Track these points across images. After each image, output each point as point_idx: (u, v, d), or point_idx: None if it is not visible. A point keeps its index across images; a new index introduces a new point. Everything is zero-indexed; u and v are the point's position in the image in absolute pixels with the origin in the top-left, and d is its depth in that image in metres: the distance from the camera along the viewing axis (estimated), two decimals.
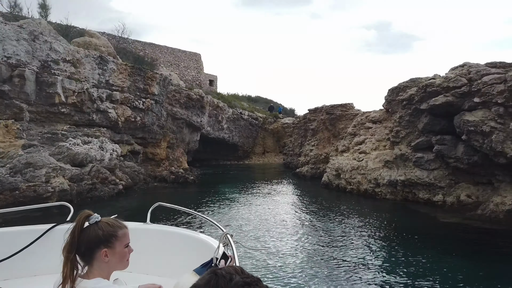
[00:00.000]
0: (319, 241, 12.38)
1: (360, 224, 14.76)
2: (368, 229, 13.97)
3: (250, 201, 20.36)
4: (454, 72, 16.42)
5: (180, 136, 34.49)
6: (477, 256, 10.86)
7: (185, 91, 35.15)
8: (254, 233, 13.13)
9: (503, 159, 14.21)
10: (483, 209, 15.16)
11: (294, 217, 16.49)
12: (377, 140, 22.76)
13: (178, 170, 29.06)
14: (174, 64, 44.90)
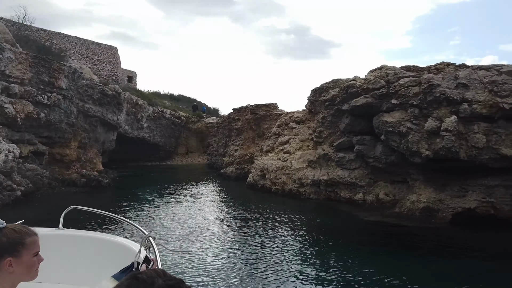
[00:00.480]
0: (243, 243, 12.07)
1: (285, 225, 14.47)
2: (293, 230, 13.71)
3: (173, 204, 19.13)
4: (373, 74, 16.97)
5: (94, 136, 31.53)
6: (398, 254, 11.07)
7: (99, 87, 32.25)
8: (177, 236, 12.60)
9: (418, 158, 14.92)
10: (401, 207, 15.83)
11: (218, 219, 15.82)
12: (300, 140, 22.90)
13: (90, 172, 26.40)
14: (87, 57, 41.20)
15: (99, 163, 30.12)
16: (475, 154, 13.94)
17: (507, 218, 14.03)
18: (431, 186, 15.71)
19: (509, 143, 13.64)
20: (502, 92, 13.47)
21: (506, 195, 14.25)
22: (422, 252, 11.23)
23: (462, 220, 14.29)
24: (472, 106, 13.86)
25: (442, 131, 13.99)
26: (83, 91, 30.44)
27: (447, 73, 14.52)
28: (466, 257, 10.68)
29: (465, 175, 15.30)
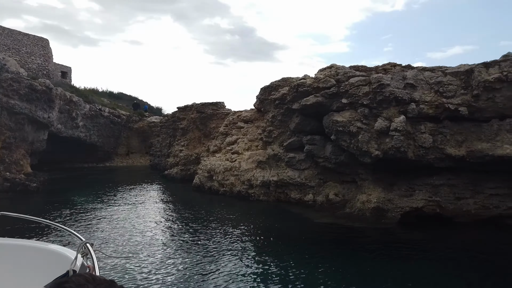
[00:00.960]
0: (187, 248, 11.28)
1: (233, 228, 13.66)
2: (241, 234, 12.94)
3: (113, 209, 17.50)
4: (323, 73, 16.72)
5: (21, 135, 28.37)
6: (348, 256, 10.70)
7: (27, 81, 29.09)
8: (118, 242, 11.70)
9: (368, 158, 14.85)
10: (351, 207, 15.70)
11: (162, 223, 14.68)
12: (249, 140, 22.22)
13: (16, 175, 23.62)
14: (13, 48, 37.19)
15: (27, 165, 27.16)
16: (422, 153, 14.13)
17: (452, 216, 14.42)
18: (379, 186, 15.77)
19: (453, 143, 13.98)
20: (447, 92, 13.77)
21: (450, 194, 14.64)
22: (372, 254, 10.99)
23: (411, 220, 14.45)
24: (419, 106, 14.03)
25: (391, 131, 14.01)
26: (7, 85, 27.21)
27: (396, 73, 14.61)
28: (412, 258, 10.55)
29: (412, 174, 15.53)
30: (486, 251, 11.23)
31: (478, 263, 10.24)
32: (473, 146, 13.55)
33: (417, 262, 10.25)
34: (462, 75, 13.75)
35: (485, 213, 14.13)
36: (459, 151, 13.83)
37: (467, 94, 13.44)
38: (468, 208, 14.31)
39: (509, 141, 12.79)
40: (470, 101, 13.28)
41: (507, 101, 12.66)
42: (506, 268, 9.94)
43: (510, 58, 12.49)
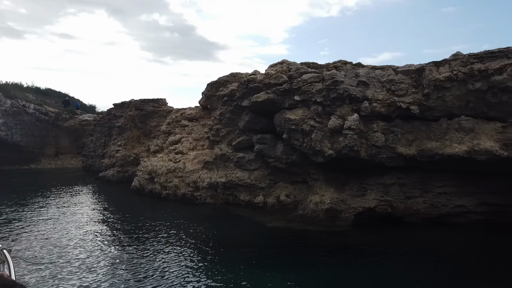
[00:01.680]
0: (123, 258, 10.13)
1: (176, 235, 12.36)
2: (186, 241, 11.68)
3: (38, 215, 15.38)
4: (274, 68, 15.96)
5: None
6: (305, 265, 9.80)
7: None
8: (41, 249, 10.79)
9: (321, 158, 14.34)
10: (304, 209, 15.10)
11: (94, 230, 13.10)
12: (194, 139, 20.87)
13: None
14: None
15: None
16: (375, 153, 13.91)
17: (403, 216, 14.40)
18: (331, 186, 15.37)
19: (404, 142, 13.92)
20: (399, 91, 13.66)
21: (401, 193, 14.61)
22: (328, 261, 10.32)
23: (363, 220, 14.18)
24: (372, 104, 13.78)
25: (345, 130, 13.60)
26: None
27: (349, 71, 14.26)
28: (368, 263, 10.05)
29: (363, 174, 15.33)
30: (439, 252, 11.10)
31: (433, 264, 10.04)
32: (423, 145, 13.58)
33: (373, 267, 9.73)
34: (413, 74, 13.73)
35: (434, 212, 14.28)
36: (409, 150, 13.80)
37: (418, 93, 13.42)
38: (418, 207, 14.37)
39: (457, 140, 12.93)
40: (421, 100, 13.26)
41: (456, 100, 12.80)
42: (462, 269, 9.83)
43: (460, 57, 12.65)
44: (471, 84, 12.29)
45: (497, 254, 10.97)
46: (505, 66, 11.71)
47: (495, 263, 10.16)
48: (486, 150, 12.25)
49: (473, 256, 10.86)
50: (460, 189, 14.26)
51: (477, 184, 14.12)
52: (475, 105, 12.67)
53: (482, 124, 12.73)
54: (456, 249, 11.49)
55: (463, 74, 12.29)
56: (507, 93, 11.81)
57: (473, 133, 12.77)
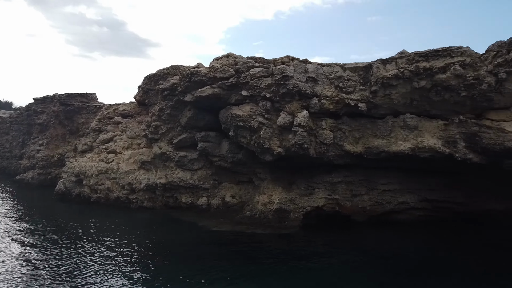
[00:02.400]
0: (44, 273, 8.71)
1: (110, 246, 10.90)
2: (121, 252, 10.27)
3: None
4: (219, 62, 15.02)
5: None
6: (255, 272, 9.00)
7: None
8: None
9: (270, 156, 13.73)
10: (251, 210, 14.36)
11: (11, 243, 11.11)
12: (130, 137, 19.15)
13: None
14: None
15: None
16: (324, 150, 13.62)
17: (350, 214, 14.30)
18: (279, 185, 14.83)
19: (351, 139, 13.81)
20: (347, 88, 13.52)
21: (347, 191, 14.52)
22: (277, 266, 9.54)
23: (312, 220, 13.83)
24: (321, 101, 13.47)
25: (294, 127, 13.11)
26: None
27: (298, 66, 13.82)
28: (313, 265, 9.59)
29: (310, 172, 15.03)
30: (382, 251, 10.89)
31: (376, 265, 9.78)
32: (369, 142, 13.56)
33: (319, 271, 9.21)
34: (360, 71, 13.68)
35: (379, 209, 14.39)
36: (356, 147, 13.71)
37: (365, 90, 13.37)
38: (364, 204, 14.38)
39: (402, 138, 13.09)
40: (368, 97, 13.23)
41: (402, 98, 12.93)
42: (403, 269, 9.72)
43: (406, 55, 12.81)
44: (416, 82, 12.46)
45: (436, 251, 11.10)
46: (448, 65, 12.02)
47: (434, 261, 10.22)
48: (429, 147, 12.51)
49: (414, 255, 10.75)
50: (403, 186, 14.54)
51: (418, 181, 14.50)
52: (419, 103, 12.90)
53: (425, 122, 13.00)
54: (397, 248, 11.31)
55: (409, 72, 12.42)
56: (449, 91, 12.14)
57: (417, 131, 13.00)
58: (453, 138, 12.27)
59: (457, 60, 12.01)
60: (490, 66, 11.38)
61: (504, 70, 11.03)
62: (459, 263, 9.94)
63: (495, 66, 11.24)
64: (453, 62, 12.02)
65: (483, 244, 11.90)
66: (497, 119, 11.83)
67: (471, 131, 11.92)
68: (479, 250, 11.33)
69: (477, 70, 11.68)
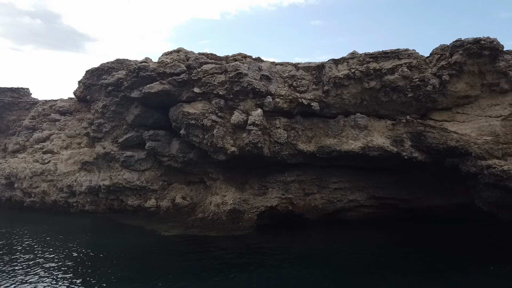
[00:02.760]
0: None
1: (49, 256, 9.87)
2: (61, 263, 9.32)
3: None
4: (169, 57, 14.33)
5: None
6: (207, 281, 8.33)
7: None
8: None
9: (223, 155, 13.34)
10: (204, 211, 13.85)
11: None
12: (69, 136, 17.70)
13: None
14: None
15: None
16: (278, 150, 13.50)
17: (303, 213, 14.33)
18: (231, 185, 14.50)
19: (304, 139, 13.85)
20: (301, 87, 13.53)
21: (300, 190, 14.55)
22: (232, 270, 9.08)
23: (266, 220, 13.67)
24: (275, 100, 13.34)
25: (249, 125, 12.85)
26: None
27: (251, 64, 13.56)
28: (265, 268, 9.27)
29: (262, 172, 14.87)
30: (330, 251, 10.89)
31: (325, 265, 9.66)
32: (321, 142, 13.69)
33: (270, 274, 8.88)
34: (313, 71, 13.76)
35: (330, 207, 14.58)
36: (309, 146, 13.79)
37: (318, 90, 13.47)
38: (316, 203, 14.50)
39: (353, 137, 13.36)
40: (321, 97, 13.33)
41: (352, 98, 13.20)
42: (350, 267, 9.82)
43: (357, 56, 13.09)
44: (367, 82, 12.77)
45: (381, 250, 11.29)
46: (397, 67, 12.46)
47: (377, 256, 10.38)
48: (378, 146, 12.87)
49: (361, 253, 10.73)
50: (353, 185, 14.87)
51: (367, 179, 14.91)
52: (368, 103, 13.24)
53: (374, 122, 13.38)
54: (346, 247, 11.38)
55: (360, 72, 12.69)
56: (396, 92, 12.58)
57: (366, 130, 13.34)
58: (400, 137, 12.72)
59: (404, 62, 12.49)
60: (435, 69, 11.97)
61: (447, 73, 11.64)
62: (400, 259, 10.11)
63: (439, 69, 11.83)
64: (400, 64, 12.49)
65: (423, 239, 12.39)
66: (440, 119, 12.48)
67: (417, 131, 12.43)
68: (419, 245, 11.58)
69: (423, 72, 12.23)
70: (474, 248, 11.08)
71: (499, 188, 11.12)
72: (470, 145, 11.42)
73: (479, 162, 11.22)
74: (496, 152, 11.08)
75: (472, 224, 13.67)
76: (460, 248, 11.21)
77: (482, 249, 10.94)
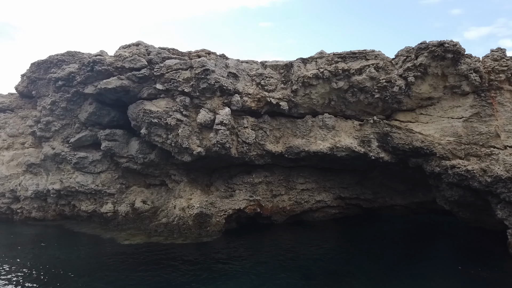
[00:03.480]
0: None
1: None
2: (4, 281, 8.22)
3: None
4: (128, 50, 13.30)
5: None
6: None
7: None
8: None
9: (188, 156, 12.61)
10: (168, 216, 13.00)
11: None
12: (10, 135, 15.92)
13: None
14: None
15: None
16: (246, 150, 13.03)
17: (271, 214, 14.00)
18: (196, 188, 13.81)
19: (272, 139, 13.52)
20: (269, 86, 13.17)
21: (267, 191, 14.20)
22: (193, 282, 8.47)
23: (233, 223, 13.16)
24: (243, 98, 12.86)
25: (216, 125, 12.25)
26: None
27: (218, 60, 12.94)
28: (230, 277, 8.72)
29: (229, 173, 14.35)
30: (297, 255, 10.64)
31: (291, 269, 9.45)
32: (289, 142, 13.44)
33: (236, 283, 8.43)
34: (281, 69, 13.46)
35: (298, 209, 14.39)
36: (277, 147, 13.48)
37: (287, 89, 13.19)
38: (284, 205, 14.24)
39: (321, 137, 13.24)
40: (290, 96, 13.07)
41: (320, 98, 13.07)
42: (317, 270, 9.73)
43: (325, 55, 12.96)
44: (335, 82, 12.70)
45: (342, 249, 11.29)
46: (364, 67, 12.49)
47: (345, 262, 10.32)
48: (346, 147, 12.85)
49: (327, 257, 10.53)
50: (319, 185, 14.80)
51: (333, 180, 14.91)
52: (336, 103, 13.18)
53: (341, 122, 13.35)
54: (311, 250, 11.16)
55: (329, 72, 12.59)
56: (364, 92, 12.62)
57: (334, 131, 13.28)
58: (367, 137, 12.80)
59: (371, 62, 12.56)
60: (401, 70, 12.12)
61: (412, 74, 11.83)
62: (365, 261, 10.06)
63: (405, 70, 11.99)
64: (368, 64, 12.53)
65: (387, 239, 12.56)
66: (405, 120, 12.69)
67: (383, 131, 12.56)
68: (384, 246, 11.68)
69: (389, 73, 12.35)
70: (440, 247, 11.38)
71: (462, 188, 11.52)
72: (435, 146, 11.71)
73: (443, 162, 11.54)
74: (459, 152, 11.44)
75: (434, 222, 14.15)
76: (424, 246, 11.47)
77: (448, 248, 11.25)
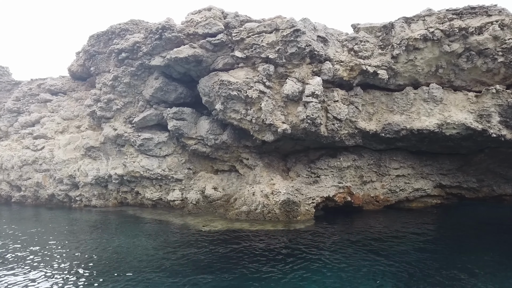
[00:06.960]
0: None
1: (56, 265, 7.14)
2: (75, 271, 6.68)
3: None
4: (199, 15, 11.61)
5: None
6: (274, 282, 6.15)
7: None
8: None
9: (271, 135, 10.78)
10: (249, 203, 11.18)
11: None
12: (64, 118, 14.68)
13: None
14: None
15: None
16: (336, 128, 11.05)
17: (362, 204, 11.96)
18: (274, 173, 11.97)
19: (365, 115, 11.50)
20: (364, 52, 11.13)
21: (356, 177, 12.19)
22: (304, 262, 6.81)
23: (320, 211, 11.22)
24: (334, 66, 10.91)
25: (307, 97, 10.35)
26: None
27: (306, 21, 11.04)
28: (332, 270, 7.01)
29: (307, 157, 12.44)
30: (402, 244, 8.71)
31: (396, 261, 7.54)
32: (385, 118, 11.38)
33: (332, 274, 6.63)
34: (378, 32, 11.41)
35: (393, 198, 12.28)
36: (371, 125, 11.45)
37: (385, 55, 11.12)
38: (376, 193, 12.17)
39: (425, 113, 11.11)
40: (390, 63, 10.99)
41: (426, 65, 10.94)
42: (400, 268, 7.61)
43: (435, 13, 10.82)
44: (447, 45, 10.54)
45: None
46: (486, 25, 10.27)
47: None
48: (459, 123, 10.67)
49: (411, 257, 8.74)
50: (416, 171, 12.63)
51: (430, 165, 12.71)
52: (444, 72, 11.01)
53: (450, 94, 11.15)
54: (412, 237, 9.26)
55: (441, 32, 10.44)
56: (483, 56, 10.42)
57: (442, 104, 11.11)
58: (487, 111, 10.55)
59: (495, 19, 10.30)
60: None
61: None
62: None
63: None
64: (491, 21, 10.29)
65: None
66: None
67: (508, 103, 10.31)
68: None
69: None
70: None
71: None
72: None
73: None
74: None
75: None
76: None
77: None
